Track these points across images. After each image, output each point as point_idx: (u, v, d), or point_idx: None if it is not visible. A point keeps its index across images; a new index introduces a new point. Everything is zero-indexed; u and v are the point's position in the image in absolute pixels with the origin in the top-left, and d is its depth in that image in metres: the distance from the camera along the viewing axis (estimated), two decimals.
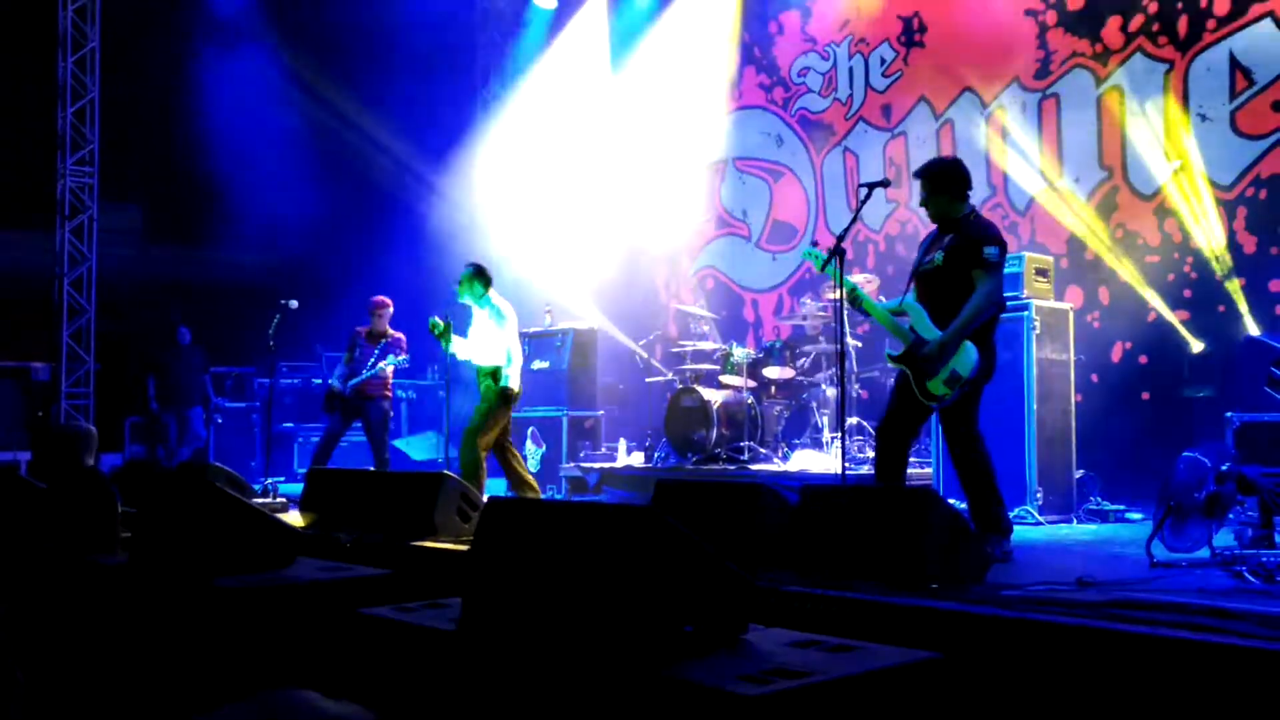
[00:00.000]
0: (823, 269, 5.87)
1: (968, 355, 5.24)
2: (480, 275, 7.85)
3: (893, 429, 5.53)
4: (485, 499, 3.80)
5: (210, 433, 12.24)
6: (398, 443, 13.32)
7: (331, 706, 0.94)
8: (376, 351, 9.36)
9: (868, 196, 5.80)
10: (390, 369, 9.38)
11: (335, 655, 3.71)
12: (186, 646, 3.79)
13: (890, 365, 5.54)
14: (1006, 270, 6.93)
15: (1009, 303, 6.85)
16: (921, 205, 5.68)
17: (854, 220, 5.96)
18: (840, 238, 5.72)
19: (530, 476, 7.94)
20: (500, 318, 7.73)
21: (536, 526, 3.34)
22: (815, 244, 6.02)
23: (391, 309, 9.61)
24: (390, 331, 9.55)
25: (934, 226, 5.66)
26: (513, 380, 7.69)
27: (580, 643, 2.92)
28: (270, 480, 8.99)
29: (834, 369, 8.97)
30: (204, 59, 12.42)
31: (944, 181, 5.54)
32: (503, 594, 3.30)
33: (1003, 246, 5.39)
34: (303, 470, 10.97)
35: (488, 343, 7.74)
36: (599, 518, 3.20)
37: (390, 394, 9.62)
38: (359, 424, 9.54)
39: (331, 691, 3.57)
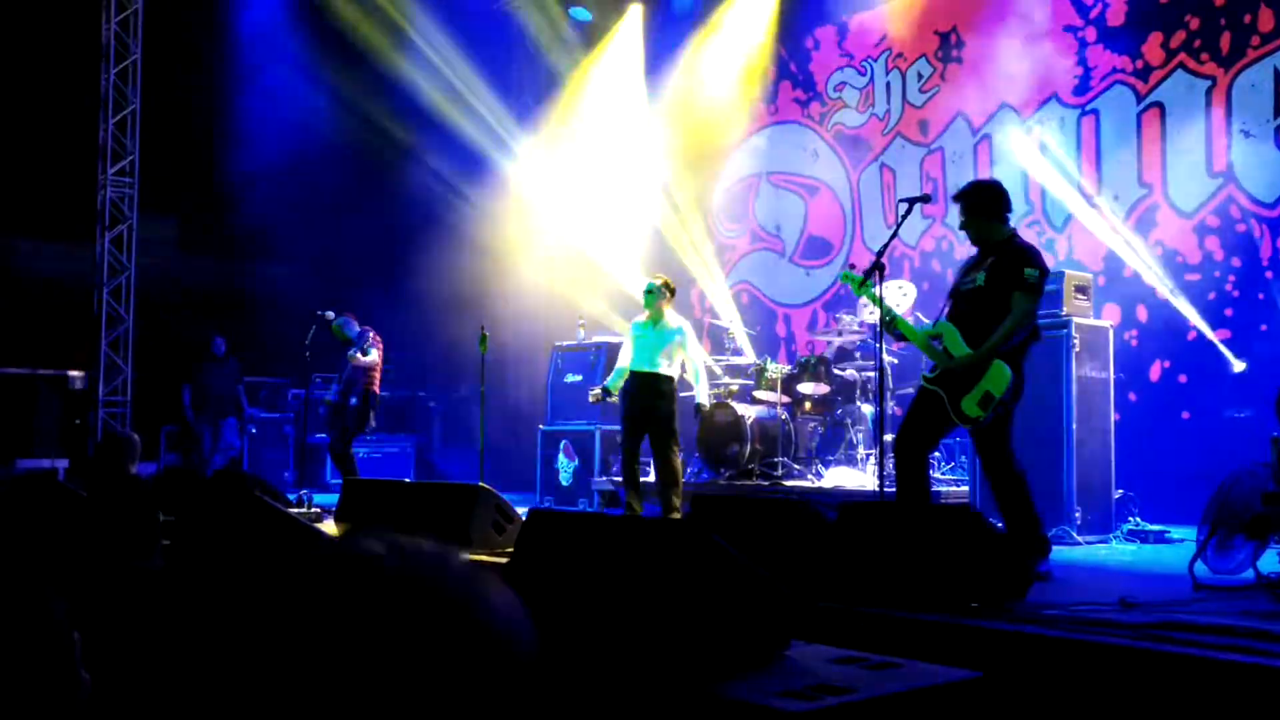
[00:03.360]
0: (860, 291, 5.84)
1: (1002, 375, 5.20)
2: (671, 289, 8.09)
3: (912, 441, 5.49)
4: (526, 512, 3.80)
5: (244, 443, 12.32)
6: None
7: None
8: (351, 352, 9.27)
9: (908, 212, 5.78)
10: (361, 356, 9.14)
11: None
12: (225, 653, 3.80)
13: (926, 387, 5.48)
14: (1046, 288, 6.89)
15: (1049, 319, 6.80)
16: (962, 229, 5.63)
17: (894, 235, 5.93)
18: (879, 254, 5.70)
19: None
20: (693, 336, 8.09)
21: (578, 540, 3.34)
22: (852, 266, 5.99)
23: (344, 318, 9.45)
24: (360, 332, 9.38)
25: (975, 249, 5.63)
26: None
27: (622, 657, 2.91)
28: (304, 490, 9.04)
29: (869, 385, 8.92)
30: (244, 71, 12.55)
31: (982, 203, 5.50)
32: (543, 606, 3.30)
33: (1044, 271, 5.35)
34: (336, 481, 11.02)
35: (689, 358, 8.00)
36: (641, 532, 3.20)
37: (366, 388, 9.28)
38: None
39: None
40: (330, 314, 9.36)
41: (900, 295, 8.73)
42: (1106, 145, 9.19)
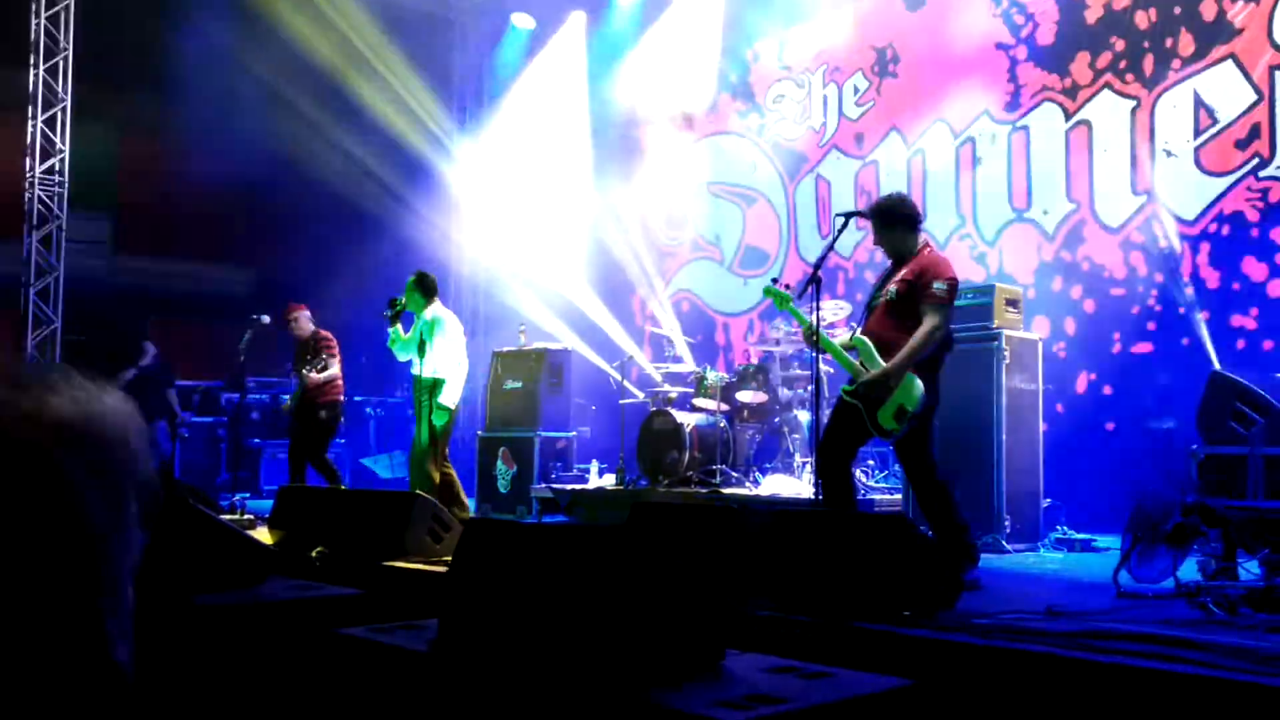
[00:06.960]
0: (782, 306, 5.93)
1: (914, 389, 5.30)
2: (423, 284, 7.81)
3: (832, 451, 5.57)
4: (467, 518, 3.84)
5: (175, 447, 12.12)
6: (365, 460, 13.27)
7: None
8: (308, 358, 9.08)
9: (844, 226, 5.86)
10: (316, 375, 8.88)
11: (308, 674, 3.70)
12: (159, 663, 3.76)
13: (845, 400, 5.56)
14: (978, 301, 7.04)
15: (980, 332, 6.94)
16: (876, 244, 5.75)
17: (829, 249, 6.02)
18: (816, 266, 5.79)
19: (464, 497, 7.80)
20: (445, 330, 7.71)
21: (516, 548, 3.35)
22: (775, 281, 6.03)
23: (301, 312, 9.27)
24: (316, 335, 9.23)
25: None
26: (457, 394, 7.71)
27: (558, 666, 2.92)
28: (237, 497, 8.92)
29: (804, 393, 9.02)
30: (179, 70, 12.35)
31: (892, 217, 5.61)
32: (480, 615, 3.30)
33: (952, 283, 5.43)
34: (270, 487, 10.87)
35: (433, 355, 7.69)
36: (578, 539, 3.21)
37: (331, 399, 9.14)
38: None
39: (306, 711, 3.53)
40: (265, 318, 9.26)
41: (836, 309, 8.85)
42: (1036, 161, 9.39)
